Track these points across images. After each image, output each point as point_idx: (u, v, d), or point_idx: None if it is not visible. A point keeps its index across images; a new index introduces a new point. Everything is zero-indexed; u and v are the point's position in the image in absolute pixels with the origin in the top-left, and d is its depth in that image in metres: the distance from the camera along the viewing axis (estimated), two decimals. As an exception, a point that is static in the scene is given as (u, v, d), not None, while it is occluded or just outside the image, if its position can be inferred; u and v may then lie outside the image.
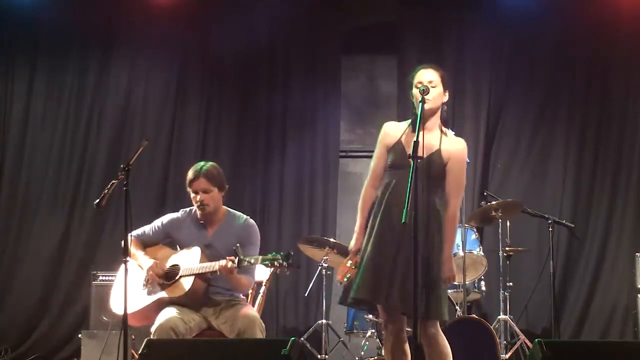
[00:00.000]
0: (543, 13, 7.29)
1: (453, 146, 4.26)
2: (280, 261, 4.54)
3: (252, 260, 4.62)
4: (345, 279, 4.23)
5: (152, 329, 4.58)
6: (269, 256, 4.59)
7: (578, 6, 7.24)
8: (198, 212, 4.88)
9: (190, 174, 4.84)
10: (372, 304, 4.35)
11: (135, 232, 4.95)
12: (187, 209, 4.99)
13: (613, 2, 7.22)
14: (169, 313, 4.64)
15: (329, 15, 7.58)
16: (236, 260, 4.58)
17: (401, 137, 4.29)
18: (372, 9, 7.65)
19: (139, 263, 4.88)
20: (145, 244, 4.97)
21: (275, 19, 7.54)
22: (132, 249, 4.89)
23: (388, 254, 4.12)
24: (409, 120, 4.35)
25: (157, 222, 5.01)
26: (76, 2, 7.55)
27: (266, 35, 7.56)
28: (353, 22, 7.67)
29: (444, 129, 4.31)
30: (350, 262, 4.26)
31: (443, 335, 4.22)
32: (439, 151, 4.22)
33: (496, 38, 7.41)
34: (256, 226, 4.97)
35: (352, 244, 4.33)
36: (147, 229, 5.01)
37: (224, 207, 4.97)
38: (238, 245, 4.67)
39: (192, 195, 4.86)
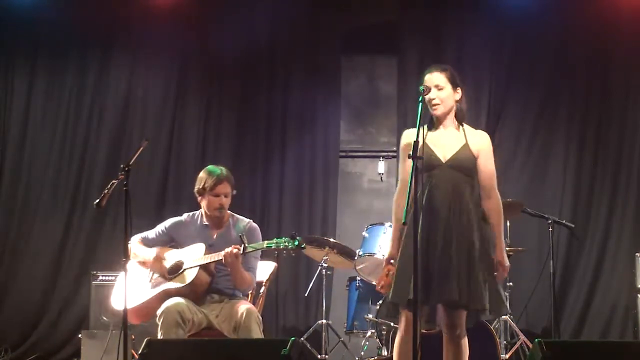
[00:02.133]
0: (543, 13, 7.29)
1: (480, 140, 4.30)
2: (285, 243, 4.62)
3: (257, 246, 4.72)
4: (380, 287, 4.22)
5: (158, 312, 4.61)
6: (274, 240, 4.70)
7: (578, 6, 7.24)
8: (204, 216, 4.94)
9: (212, 178, 4.89)
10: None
11: (139, 235, 5.01)
12: (191, 213, 5.04)
13: (613, 2, 7.22)
14: (175, 299, 4.68)
15: (329, 15, 7.58)
16: (241, 247, 4.65)
17: (425, 139, 4.26)
18: (372, 9, 7.64)
19: (141, 260, 4.89)
20: (149, 246, 4.99)
21: (275, 19, 7.54)
22: (135, 249, 4.93)
23: (437, 254, 4.11)
24: (426, 125, 4.34)
25: (161, 226, 5.04)
26: (76, 2, 7.54)
27: (266, 35, 7.55)
28: (353, 22, 7.67)
29: (460, 125, 4.34)
30: (388, 271, 4.19)
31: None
32: (466, 145, 4.25)
33: (496, 38, 7.41)
34: (258, 229, 5.04)
35: (387, 253, 4.29)
36: (150, 233, 5.04)
37: (228, 210, 5.03)
38: (243, 233, 4.75)
39: (212, 198, 4.90)
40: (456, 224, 4.14)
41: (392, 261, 4.20)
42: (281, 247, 4.65)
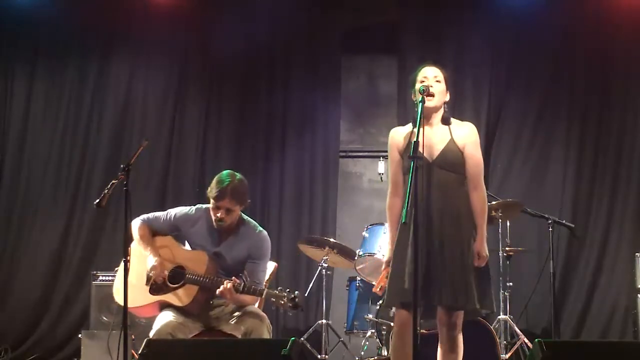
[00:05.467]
0: (543, 13, 7.29)
1: (466, 131, 4.27)
2: (285, 300, 4.48)
3: (258, 290, 4.57)
4: (379, 289, 4.33)
5: (151, 334, 4.55)
6: (275, 292, 4.52)
7: (578, 6, 7.25)
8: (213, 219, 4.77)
9: (215, 190, 4.65)
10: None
11: (146, 216, 4.90)
12: (203, 207, 4.86)
13: (613, 2, 7.23)
14: (167, 317, 4.61)
15: (329, 15, 7.58)
16: (241, 285, 4.54)
17: (411, 137, 4.24)
18: (372, 9, 7.64)
19: (144, 252, 4.79)
20: (154, 231, 4.89)
21: (275, 19, 7.54)
22: (139, 235, 4.83)
23: (431, 257, 4.09)
24: (410, 123, 4.35)
25: (170, 213, 4.90)
26: (76, 3, 7.55)
27: (266, 35, 7.56)
28: (353, 22, 7.67)
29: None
30: (387, 274, 4.25)
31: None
32: (452, 141, 4.22)
33: (496, 38, 7.41)
34: (268, 239, 4.88)
35: (386, 256, 4.33)
36: (158, 215, 4.91)
37: (239, 213, 4.83)
38: (243, 274, 4.64)
39: (214, 208, 4.70)
40: (448, 227, 4.13)
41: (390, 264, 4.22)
42: (280, 302, 4.48)
